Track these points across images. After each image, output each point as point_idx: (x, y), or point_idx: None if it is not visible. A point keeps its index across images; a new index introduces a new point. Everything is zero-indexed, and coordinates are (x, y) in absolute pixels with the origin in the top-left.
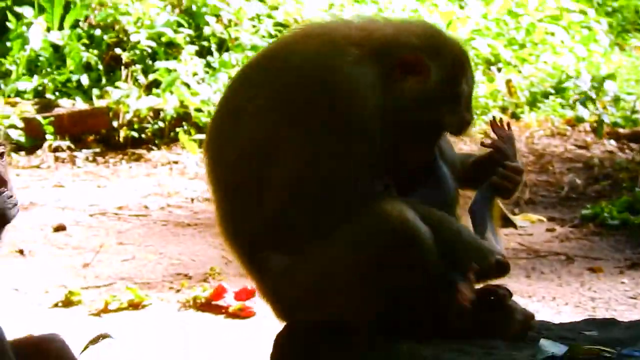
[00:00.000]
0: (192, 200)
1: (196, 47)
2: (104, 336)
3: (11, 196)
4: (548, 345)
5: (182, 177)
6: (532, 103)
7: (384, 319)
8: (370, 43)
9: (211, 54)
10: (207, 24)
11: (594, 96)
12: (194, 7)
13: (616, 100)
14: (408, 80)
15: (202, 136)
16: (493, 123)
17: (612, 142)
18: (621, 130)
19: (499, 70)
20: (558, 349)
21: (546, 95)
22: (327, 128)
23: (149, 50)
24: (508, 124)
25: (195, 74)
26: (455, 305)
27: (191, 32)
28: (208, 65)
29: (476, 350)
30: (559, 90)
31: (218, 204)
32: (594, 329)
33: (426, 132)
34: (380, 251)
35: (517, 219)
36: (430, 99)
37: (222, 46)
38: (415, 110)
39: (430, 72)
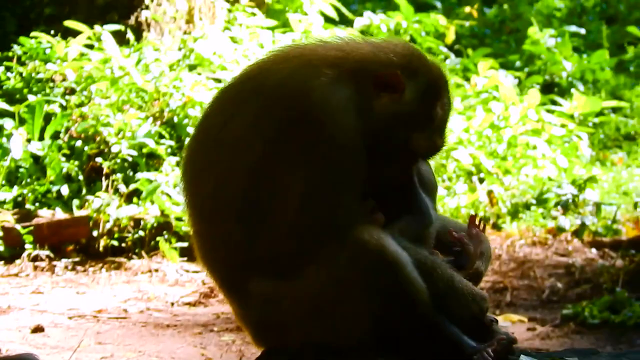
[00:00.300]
0: (172, 304)
1: (177, 159)
2: None
3: None
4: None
5: (162, 284)
6: (514, 214)
7: (367, 340)
8: (348, 63)
9: None
10: (189, 135)
11: (575, 206)
12: (175, 119)
13: (597, 209)
14: (382, 97)
15: (184, 244)
16: (470, 219)
17: (594, 250)
18: (602, 239)
19: (481, 181)
20: None
21: (528, 206)
22: (302, 153)
23: (130, 160)
24: (484, 225)
25: (176, 185)
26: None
27: (172, 143)
28: None
29: None
30: (541, 201)
31: (197, 230)
32: (576, 357)
33: (398, 153)
34: (360, 279)
35: (498, 320)
36: (402, 118)
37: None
38: (386, 129)
39: (405, 90)
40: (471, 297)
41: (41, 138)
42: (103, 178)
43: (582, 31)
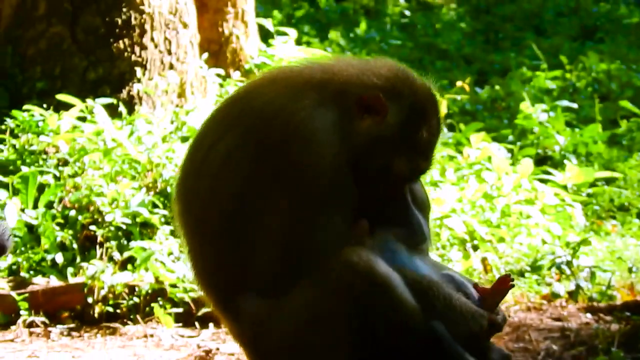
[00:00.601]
0: None
1: (171, 228)
2: None
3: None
4: None
5: (157, 348)
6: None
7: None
8: (332, 85)
9: None
10: None
11: (569, 272)
12: (168, 189)
13: (592, 276)
14: (365, 120)
15: (179, 310)
16: (504, 279)
17: (589, 315)
18: (597, 304)
19: (475, 248)
20: None
21: (522, 273)
22: (286, 176)
23: (124, 228)
24: (511, 285)
25: (170, 253)
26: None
27: (166, 212)
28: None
29: None
30: (535, 268)
31: (190, 249)
32: None
33: (382, 175)
34: (349, 300)
35: None
36: (384, 141)
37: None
38: (368, 152)
39: (387, 112)
40: (470, 315)
41: (35, 207)
42: (97, 246)
43: (575, 106)
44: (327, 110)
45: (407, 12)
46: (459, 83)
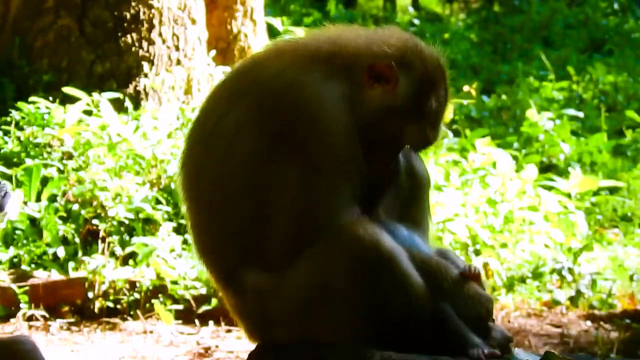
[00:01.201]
0: None
1: (174, 224)
2: None
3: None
4: (522, 354)
5: (157, 344)
6: (509, 286)
7: (361, 335)
8: (341, 56)
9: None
10: None
11: (570, 278)
12: (172, 185)
13: (593, 284)
14: (375, 89)
15: (179, 307)
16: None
17: (588, 322)
18: (597, 312)
19: (477, 253)
20: (532, 357)
21: (523, 279)
22: (296, 149)
23: (127, 223)
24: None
25: (172, 250)
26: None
27: (169, 209)
28: (185, 242)
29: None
30: (536, 275)
31: (195, 223)
32: None
33: (389, 145)
34: (354, 274)
35: None
36: (395, 110)
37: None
38: (379, 121)
39: (398, 82)
40: (477, 298)
41: (38, 200)
42: (99, 241)
43: (581, 115)
44: (336, 82)
45: (416, 21)
46: (465, 88)
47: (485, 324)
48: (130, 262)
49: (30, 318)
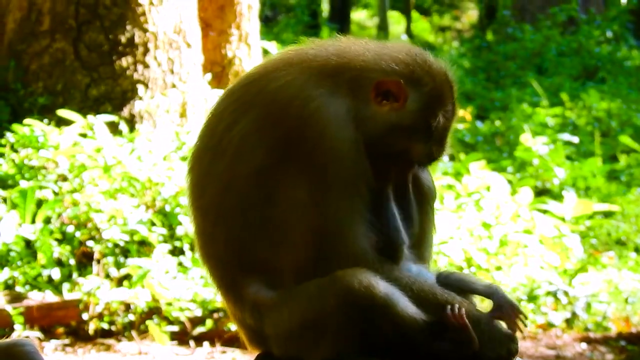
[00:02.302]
0: None
1: (169, 246)
2: None
3: None
4: None
5: None
6: None
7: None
8: (349, 70)
9: (183, 253)
10: (180, 223)
11: (565, 301)
12: (167, 208)
13: (587, 307)
14: (383, 106)
15: (174, 328)
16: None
17: (583, 345)
18: (592, 334)
19: None
20: None
21: (518, 301)
22: (302, 163)
23: (121, 245)
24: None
25: (167, 272)
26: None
27: (164, 231)
28: (180, 264)
29: None
30: (531, 297)
31: (201, 231)
32: None
33: (396, 161)
34: (349, 318)
35: None
36: (403, 128)
37: (195, 246)
38: (386, 138)
39: (407, 99)
40: (497, 336)
41: (33, 222)
42: (94, 263)
43: (575, 140)
44: (342, 97)
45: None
46: (460, 112)
47: None
48: (125, 283)
49: None
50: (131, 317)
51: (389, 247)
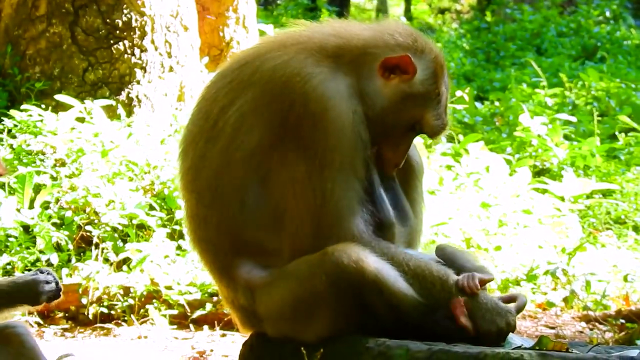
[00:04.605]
0: None
1: (167, 230)
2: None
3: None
4: (516, 339)
5: (151, 350)
6: (503, 289)
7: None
8: (349, 49)
9: (182, 237)
10: (179, 207)
11: (564, 279)
12: (166, 191)
13: (587, 285)
14: (391, 79)
15: (174, 312)
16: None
17: (583, 323)
18: (591, 313)
19: None
20: (526, 341)
21: (517, 282)
22: (301, 141)
23: (120, 229)
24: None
25: (166, 256)
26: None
27: (163, 215)
28: (179, 247)
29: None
30: (530, 277)
31: (193, 214)
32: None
33: (404, 133)
34: (341, 295)
35: None
36: (416, 98)
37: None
38: (398, 110)
39: (416, 71)
40: (496, 311)
41: (31, 208)
42: (93, 247)
43: (573, 119)
44: (343, 75)
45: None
46: (458, 93)
47: (505, 336)
48: (124, 268)
49: None
50: (130, 301)
51: (381, 226)
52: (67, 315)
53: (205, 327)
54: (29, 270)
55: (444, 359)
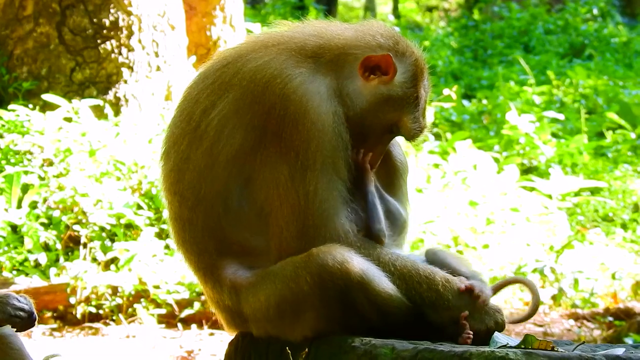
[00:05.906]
0: None
1: (155, 229)
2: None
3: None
4: (501, 337)
5: (140, 349)
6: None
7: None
8: (329, 49)
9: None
10: None
11: (552, 277)
12: (153, 191)
13: (575, 283)
14: (371, 80)
15: (162, 311)
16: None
17: (571, 321)
18: (579, 311)
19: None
20: (512, 340)
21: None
22: (283, 142)
23: (108, 229)
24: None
25: (154, 255)
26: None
27: (151, 214)
28: (167, 247)
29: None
30: (518, 275)
31: (177, 216)
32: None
33: (381, 135)
34: (325, 296)
35: None
36: (394, 99)
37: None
38: (376, 111)
39: (396, 72)
40: (485, 310)
41: (19, 207)
42: (81, 247)
43: (561, 117)
44: (323, 76)
45: (397, 29)
46: (446, 91)
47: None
48: (112, 267)
49: None
50: (119, 300)
51: (367, 228)
52: (55, 314)
53: (194, 326)
54: (18, 270)
55: (429, 358)
